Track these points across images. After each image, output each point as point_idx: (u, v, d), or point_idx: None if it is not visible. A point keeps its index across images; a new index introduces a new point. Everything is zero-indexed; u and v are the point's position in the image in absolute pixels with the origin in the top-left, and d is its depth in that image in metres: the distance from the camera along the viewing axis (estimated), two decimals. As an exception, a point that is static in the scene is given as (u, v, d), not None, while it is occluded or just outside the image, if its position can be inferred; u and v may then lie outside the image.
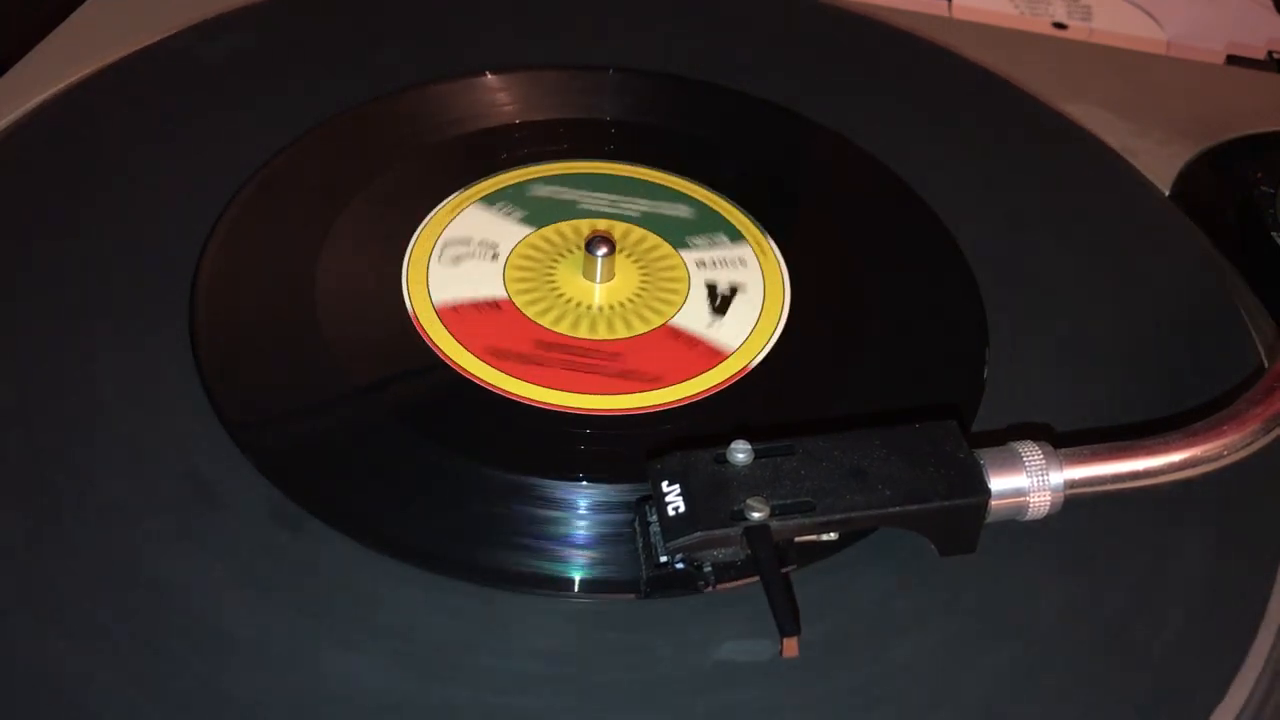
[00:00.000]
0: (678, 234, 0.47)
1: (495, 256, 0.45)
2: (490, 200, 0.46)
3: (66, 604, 0.34)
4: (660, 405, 0.41)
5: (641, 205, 0.47)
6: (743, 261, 0.44)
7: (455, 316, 0.42)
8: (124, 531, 0.35)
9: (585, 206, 0.47)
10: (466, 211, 0.47)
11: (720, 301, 0.43)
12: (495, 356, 0.41)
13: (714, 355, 0.42)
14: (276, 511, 0.36)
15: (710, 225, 0.47)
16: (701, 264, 0.45)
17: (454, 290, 0.43)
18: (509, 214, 0.46)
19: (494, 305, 0.43)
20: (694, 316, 0.44)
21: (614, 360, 0.42)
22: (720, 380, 0.42)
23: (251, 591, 0.34)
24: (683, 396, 0.41)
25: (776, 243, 0.47)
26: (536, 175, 0.49)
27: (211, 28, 0.54)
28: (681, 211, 0.47)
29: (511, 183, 0.47)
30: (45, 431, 0.38)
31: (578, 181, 0.48)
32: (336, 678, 0.33)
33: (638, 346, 0.42)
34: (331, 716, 0.32)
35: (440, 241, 0.45)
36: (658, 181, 0.49)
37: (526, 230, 0.46)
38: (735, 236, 0.46)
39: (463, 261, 0.45)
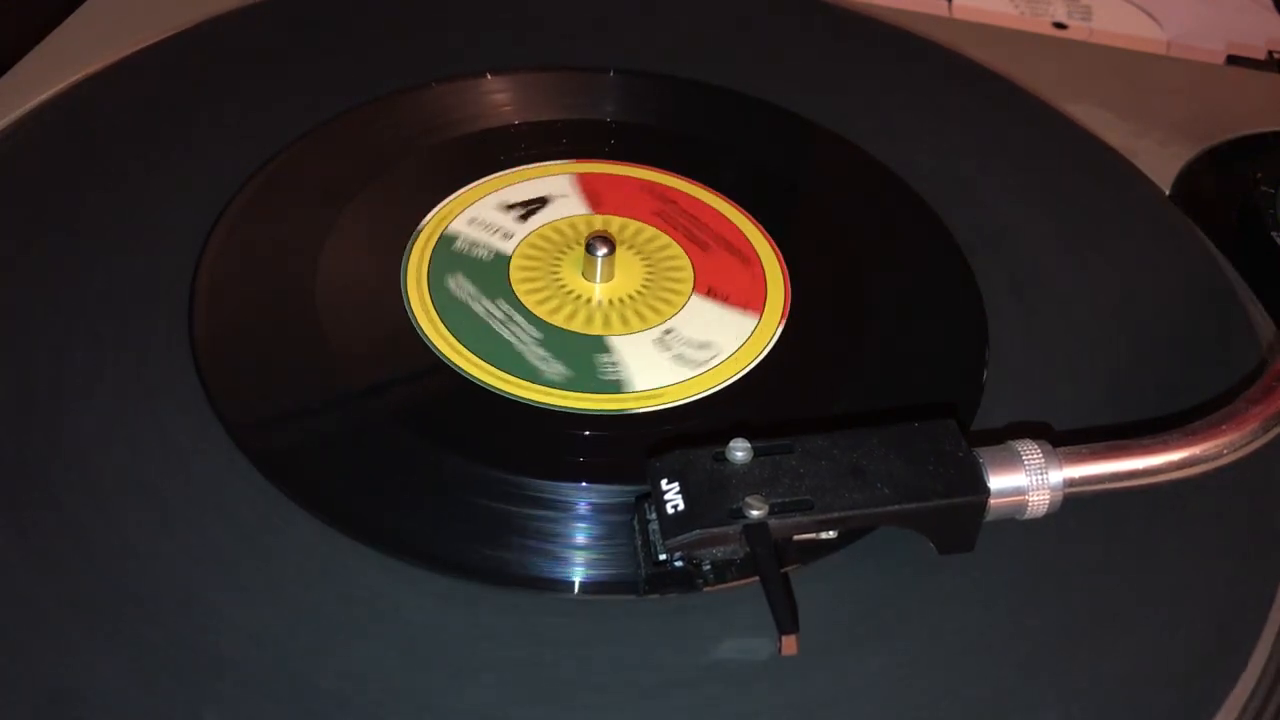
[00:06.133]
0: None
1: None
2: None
3: (64, 605, 0.34)
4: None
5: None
6: None
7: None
8: (123, 532, 0.35)
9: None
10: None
11: None
12: None
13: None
14: (276, 511, 0.36)
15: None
16: None
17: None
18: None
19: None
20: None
21: None
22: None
23: (250, 592, 0.34)
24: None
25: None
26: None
27: (211, 28, 0.55)
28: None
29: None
30: (44, 431, 0.38)
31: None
32: (335, 676, 0.33)
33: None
34: (330, 715, 0.32)
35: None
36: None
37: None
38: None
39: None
